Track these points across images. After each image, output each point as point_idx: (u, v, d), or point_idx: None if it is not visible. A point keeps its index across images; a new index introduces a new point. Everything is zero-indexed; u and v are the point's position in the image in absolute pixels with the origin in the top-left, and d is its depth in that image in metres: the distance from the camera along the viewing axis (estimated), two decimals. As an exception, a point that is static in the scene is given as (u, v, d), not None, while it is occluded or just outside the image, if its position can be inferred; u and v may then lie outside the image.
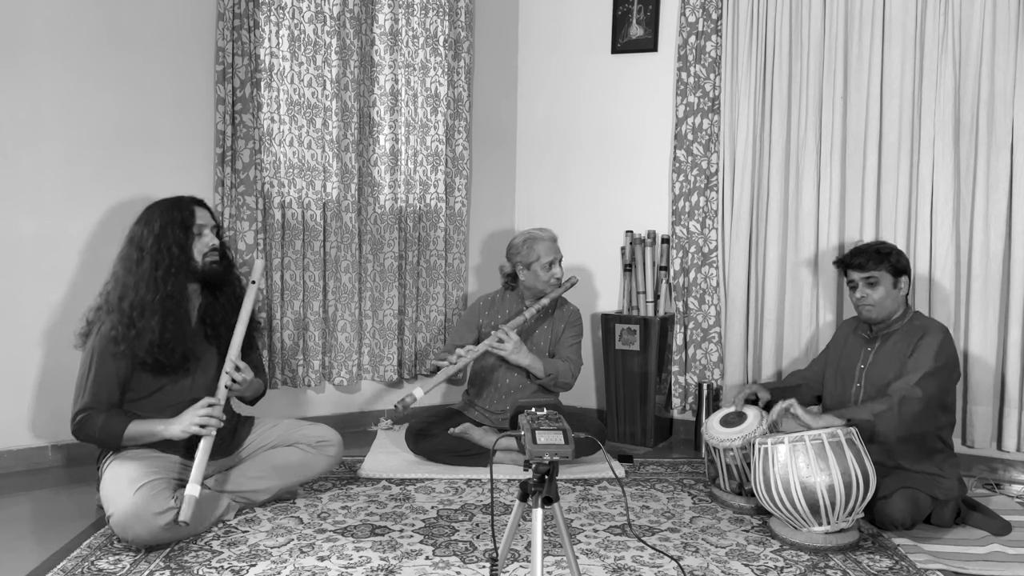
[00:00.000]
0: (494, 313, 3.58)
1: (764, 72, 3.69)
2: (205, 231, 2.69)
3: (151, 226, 2.63)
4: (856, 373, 2.94)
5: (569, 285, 3.50)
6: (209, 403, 2.58)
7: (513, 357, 3.36)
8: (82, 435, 2.55)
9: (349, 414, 3.96)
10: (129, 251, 2.64)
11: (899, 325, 2.88)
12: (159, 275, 2.57)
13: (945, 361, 2.75)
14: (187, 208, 2.67)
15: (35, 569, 2.33)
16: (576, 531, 2.68)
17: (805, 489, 2.51)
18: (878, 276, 2.84)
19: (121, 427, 2.52)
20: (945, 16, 3.36)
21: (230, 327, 2.73)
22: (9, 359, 3.20)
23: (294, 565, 2.37)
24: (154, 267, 2.58)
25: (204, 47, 3.50)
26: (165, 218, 2.63)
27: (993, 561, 2.50)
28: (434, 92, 3.98)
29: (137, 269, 2.59)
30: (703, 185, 3.82)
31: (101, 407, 2.54)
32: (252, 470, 2.79)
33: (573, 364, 3.47)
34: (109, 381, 2.56)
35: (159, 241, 2.60)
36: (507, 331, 3.34)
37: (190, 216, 2.66)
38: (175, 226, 2.63)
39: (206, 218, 2.71)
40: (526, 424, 1.81)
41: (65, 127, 3.26)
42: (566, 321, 3.55)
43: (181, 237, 2.63)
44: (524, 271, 3.49)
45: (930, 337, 2.77)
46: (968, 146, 3.37)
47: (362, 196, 3.88)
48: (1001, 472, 3.40)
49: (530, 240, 3.48)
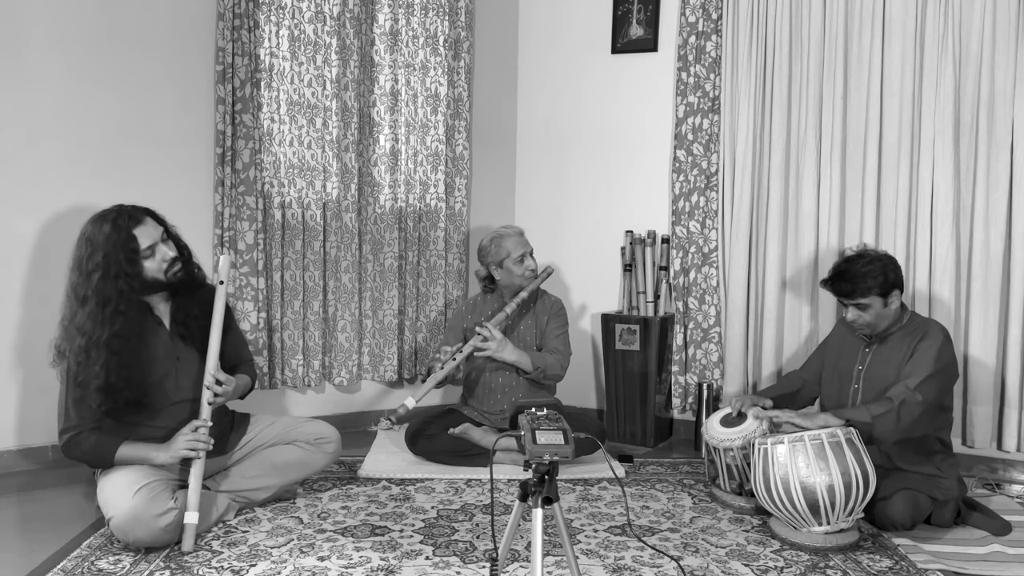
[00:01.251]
0: (477, 316, 3.58)
1: (764, 72, 3.69)
2: (157, 248, 2.53)
3: (94, 260, 2.46)
4: (854, 374, 2.93)
5: (545, 275, 3.50)
6: (196, 426, 2.54)
7: (499, 354, 3.35)
8: (71, 456, 2.51)
9: (349, 414, 3.96)
10: (76, 286, 2.48)
11: (896, 327, 2.87)
12: (106, 313, 2.44)
13: (945, 364, 2.74)
14: (127, 233, 2.48)
15: (35, 569, 2.33)
16: (576, 531, 2.68)
17: (805, 489, 2.52)
18: (866, 302, 2.77)
19: (112, 450, 2.49)
20: (945, 16, 3.36)
21: (197, 319, 2.64)
22: (6, 359, 3.20)
23: (294, 565, 2.37)
24: (100, 306, 2.44)
25: (204, 47, 3.50)
26: (106, 249, 2.46)
27: (993, 561, 2.50)
28: (434, 92, 3.98)
29: (83, 309, 2.45)
30: (703, 185, 3.82)
31: (85, 425, 2.49)
32: (251, 469, 2.79)
33: (561, 355, 3.47)
34: (89, 403, 2.47)
35: (104, 279, 2.44)
36: (490, 328, 3.34)
37: (132, 243, 2.48)
38: (120, 258, 2.46)
39: (151, 233, 2.53)
40: (526, 424, 1.81)
41: (65, 127, 3.26)
42: (549, 312, 3.55)
43: (127, 269, 2.47)
44: (498, 270, 3.49)
45: (930, 340, 2.76)
46: (968, 146, 3.37)
47: (362, 196, 3.88)
48: (1001, 472, 3.40)
49: (497, 239, 3.48)
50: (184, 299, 2.65)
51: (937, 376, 2.70)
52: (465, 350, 3.32)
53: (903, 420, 2.63)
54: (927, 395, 2.65)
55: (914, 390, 2.65)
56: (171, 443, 2.53)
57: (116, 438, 2.51)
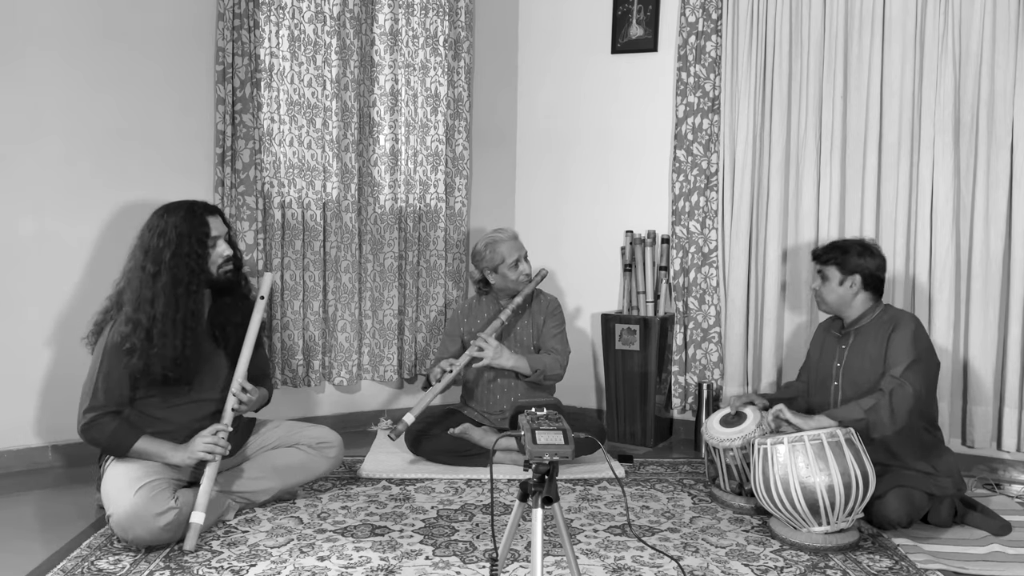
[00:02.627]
0: (473, 319, 3.59)
1: (764, 72, 3.69)
2: (219, 241, 2.64)
3: (166, 237, 2.54)
4: (833, 372, 2.97)
5: (540, 278, 3.51)
6: (216, 430, 2.57)
7: (496, 362, 3.36)
8: (88, 437, 2.54)
9: (349, 414, 3.96)
10: (143, 261, 2.55)
11: (869, 319, 2.92)
12: (180, 292, 2.52)
13: (923, 349, 2.78)
14: (201, 218, 2.61)
15: (35, 569, 2.33)
16: (576, 531, 2.68)
17: (805, 489, 2.52)
18: (826, 271, 2.94)
19: (130, 441, 2.52)
20: (945, 16, 3.36)
21: (236, 327, 2.71)
22: (11, 359, 3.20)
23: (294, 565, 2.37)
24: (174, 284, 2.51)
25: (204, 47, 3.50)
26: (181, 230, 2.56)
27: (993, 561, 2.50)
28: (434, 92, 3.98)
29: (154, 283, 2.52)
30: (703, 185, 3.82)
31: (111, 406, 2.53)
32: (253, 471, 2.79)
33: (560, 354, 3.48)
34: (120, 381, 2.54)
35: (176, 256, 2.53)
36: (485, 338, 3.35)
37: (205, 228, 2.60)
38: (192, 240, 2.56)
39: (220, 228, 2.65)
40: (526, 424, 1.81)
41: (65, 127, 3.26)
42: (545, 312, 3.55)
43: (199, 251, 2.57)
44: (492, 274, 3.50)
45: (902, 330, 2.80)
46: (968, 146, 3.37)
47: (362, 196, 3.88)
48: (1001, 472, 3.40)
49: (491, 244, 3.48)
50: (225, 303, 2.71)
51: (919, 363, 2.73)
52: (461, 362, 3.34)
53: (897, 410, 2.64)
54: (915, 383, 2.68)
55: (900, 378, 2.68)
56: (189, 444, 2.56)
57: (136, 429, 2.54)
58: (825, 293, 2.95)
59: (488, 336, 3.36)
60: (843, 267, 2.90)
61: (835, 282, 2.92)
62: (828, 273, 2.93)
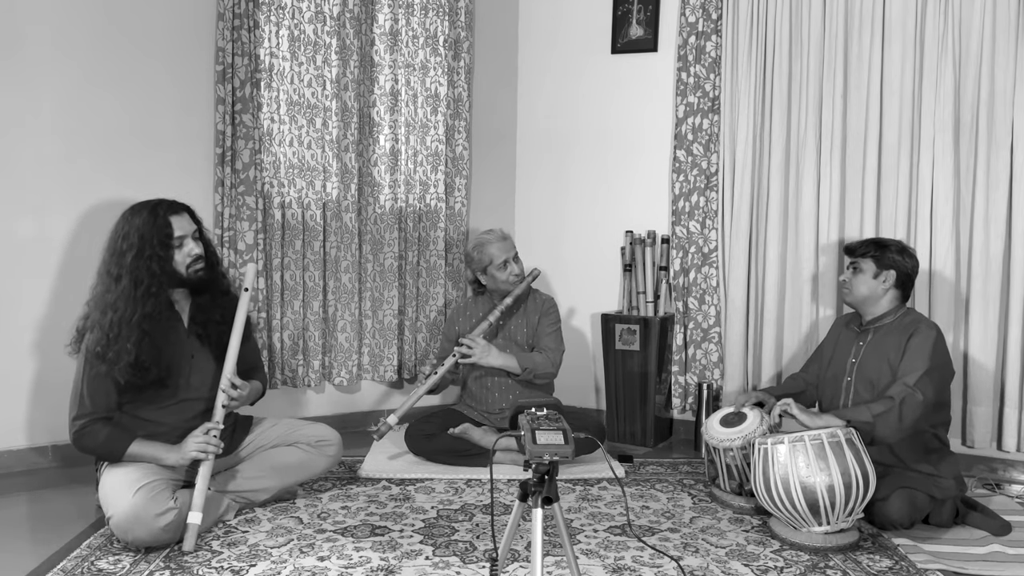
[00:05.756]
0: (468, 318, 3.60)
1: (764, 72, 3.69)
2: (186, 241, 2.60)
3: (129, 240, 2.53)
4: (847, 367, 2.96)
5: (532, 278, 3.52)
6: (208, 429, 2.57)
7: (484, 361, 3.37)
8: (81, 445, 2.54)
9: (349, 414, 3.96)
10: (109, 264, 2.56)
11: (890, 319, 2.91)
12: (138, 294, 2.50)
13: (940, 360, 2.76)
14: (163, 219, 2.56)
15: (35, 569, 2.33)
16: (576, 531, 2.68)
17: (805, 489, 2.52)
18: (861, 264, 2.93)
19: (123, 446, 2.52)
20: (945, 16, 3.36)
21: (218, 324, 2.70)
22: (8, 359, 3.20)
23: (294, 565, 2.37)
24: (133, 286, 2.50)
25: (204, 47, 3.50)
26: (143, 232, 2.54)
27: (993, 561, 2.50)
28: (434, 92, 3.98)
29: (116, 286, 2.51)
30: (703, 185, 3.82)
31: (99, 412, 2.53)
32: (252, 470, 2.79)
33: (552, 352, 3.48)
34: (105, 387, 2.53)
35: (138, 259, 2.51)
36: (472, 339, 3.37)
37: (168, 229, 2.56)
38: (153, 242, 2.53)
39: (185, 226, 2.61)
40: (526, 424, 1.81)
41: (65, 127, 3.26)
42: (540, 311, 3.56)
43: (160, 252, 2.54)
44: (483, 275, 3.52)
45: (921, 337, 2.78)
46: (968, 146, 3.37)
47: (362, 196, 3.87)
48: (1001, 472, 3.40)
49: (479, 245, 3.50)
50: (205, 301, 2.69)
51: (933, 372, 2.71)
52: (447, 363, 3.37)
53: (905, 418, 2.63)
54: (927, 393, 2.66)
55: (913, 387, 2.66)
56: (182, 445, 2.56)
57: (128, 433, 2.54)
58: (857, 284, 2.93)
59: (476, 336, 3.38)
60: (879, 261, 2.90)
61: (869, 274, 2.91)
62: (863, 266, 2.92)
